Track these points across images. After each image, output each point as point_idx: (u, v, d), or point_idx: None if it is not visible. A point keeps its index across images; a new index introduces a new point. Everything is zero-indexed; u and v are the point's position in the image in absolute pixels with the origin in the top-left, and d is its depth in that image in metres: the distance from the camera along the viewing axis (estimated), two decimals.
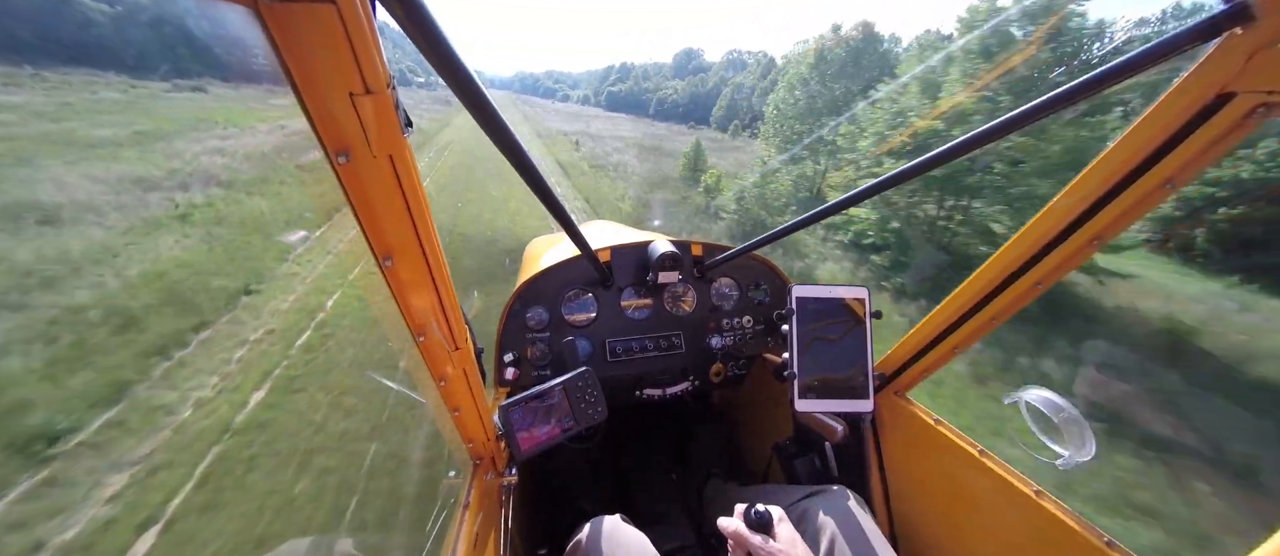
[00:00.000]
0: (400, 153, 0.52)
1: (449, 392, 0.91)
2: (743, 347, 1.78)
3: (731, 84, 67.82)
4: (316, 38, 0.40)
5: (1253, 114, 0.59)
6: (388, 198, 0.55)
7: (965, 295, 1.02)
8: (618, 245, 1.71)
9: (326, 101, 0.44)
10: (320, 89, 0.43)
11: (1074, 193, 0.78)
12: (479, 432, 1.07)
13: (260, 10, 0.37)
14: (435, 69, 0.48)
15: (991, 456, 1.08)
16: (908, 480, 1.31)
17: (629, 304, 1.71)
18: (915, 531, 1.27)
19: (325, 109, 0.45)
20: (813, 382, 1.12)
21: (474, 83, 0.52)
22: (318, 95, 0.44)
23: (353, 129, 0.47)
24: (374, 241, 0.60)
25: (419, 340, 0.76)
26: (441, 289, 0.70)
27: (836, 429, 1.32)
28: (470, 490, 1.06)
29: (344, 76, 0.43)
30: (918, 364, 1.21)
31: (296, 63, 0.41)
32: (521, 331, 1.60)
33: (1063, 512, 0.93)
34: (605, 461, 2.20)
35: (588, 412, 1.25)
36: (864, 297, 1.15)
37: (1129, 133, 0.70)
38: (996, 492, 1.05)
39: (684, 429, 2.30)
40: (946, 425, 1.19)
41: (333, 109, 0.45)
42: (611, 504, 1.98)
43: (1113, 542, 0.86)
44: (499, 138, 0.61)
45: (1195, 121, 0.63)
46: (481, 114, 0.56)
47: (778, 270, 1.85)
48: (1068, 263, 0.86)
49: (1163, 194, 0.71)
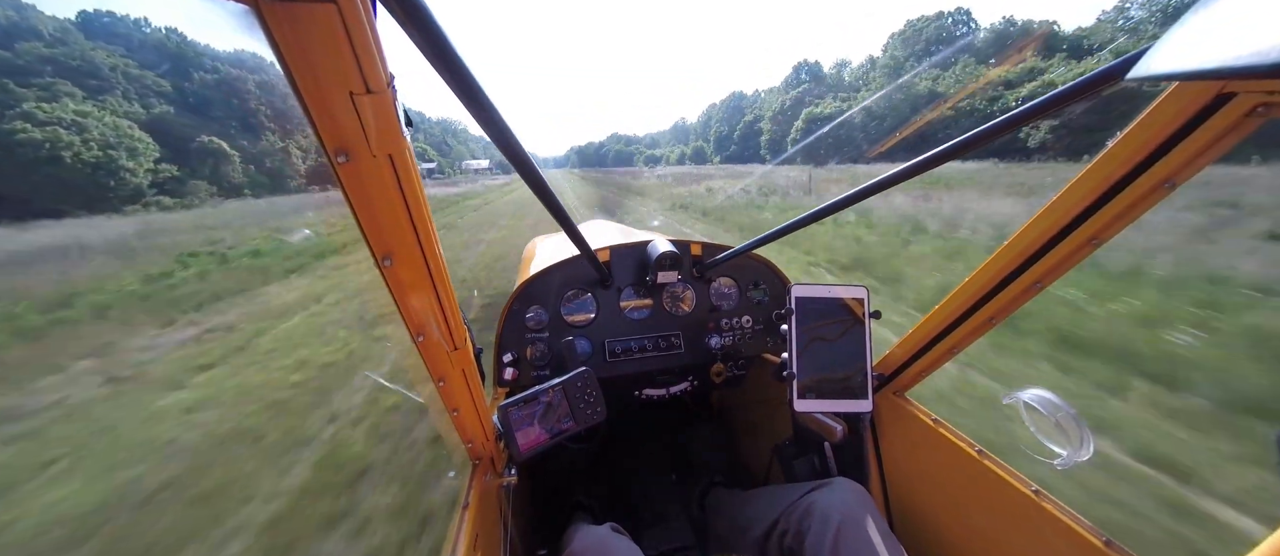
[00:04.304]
0: (400, 153, 0.52)
1: (448, 393, 0.90)
2: (742, 347, 1.78)
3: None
4: (316, 38, 0.40)
5: (1253, 113, 0.59)
6: (387, 198, 0.55)
7: (964, 295, 1.02)
8: (617, 245, 1.71)
9: (326, 101, 0.44)
10: (320, 89, 0.43)
11: (1073, 192, 0.78)
12: (478, 433, 1.07)
13: (260, 10, 0.37)
14: (435, 69, 0.48)
15: (991, 456, 1.08)
16: (907, 479, 1.31)
17: (628, 304, 1.71)
18: (915, 530, 1.27)
19: (325, 109, 0.45)
20: (812, 382, 1.12)
21: (474, 82, 0.52)
22: (318, 95, 0.44)
23: (353, 129, 0.47)
24: (373, 241, 0.59)
25: (418, 340, 0.76)
26: (440, 289, 0.70)
27: (836, 429, 1.32)
28: (470, 490, 1.06)
29: (344, 76, 0.43)
30: (916, 363, 1.22)
31: (296, 62, 0.41)
32: (520, 331, 1.59)
33: (1062, 512, 0.93)
34: (605, 461, 2.20)
35: (587, 413, 1.24)
36: (863, 297, 1.15)
37: (1128, 132, 0.70)
38: (995, 492, 1.05)
39: (684, 429, 2.31)
40: (946, 425, 1.19)
41: (333, 109, 0.45)
42: (611, 504, 1.98)
43: (1111, 542, 0.86)
44: (499, 138, 0.62)
45: (1195, 121, 0.63)
46: (482, 114, 0.57)
47: (777, 270, 1.85)
48: (1066, 262, 0.86)
49: (1162, 193, 0.71)
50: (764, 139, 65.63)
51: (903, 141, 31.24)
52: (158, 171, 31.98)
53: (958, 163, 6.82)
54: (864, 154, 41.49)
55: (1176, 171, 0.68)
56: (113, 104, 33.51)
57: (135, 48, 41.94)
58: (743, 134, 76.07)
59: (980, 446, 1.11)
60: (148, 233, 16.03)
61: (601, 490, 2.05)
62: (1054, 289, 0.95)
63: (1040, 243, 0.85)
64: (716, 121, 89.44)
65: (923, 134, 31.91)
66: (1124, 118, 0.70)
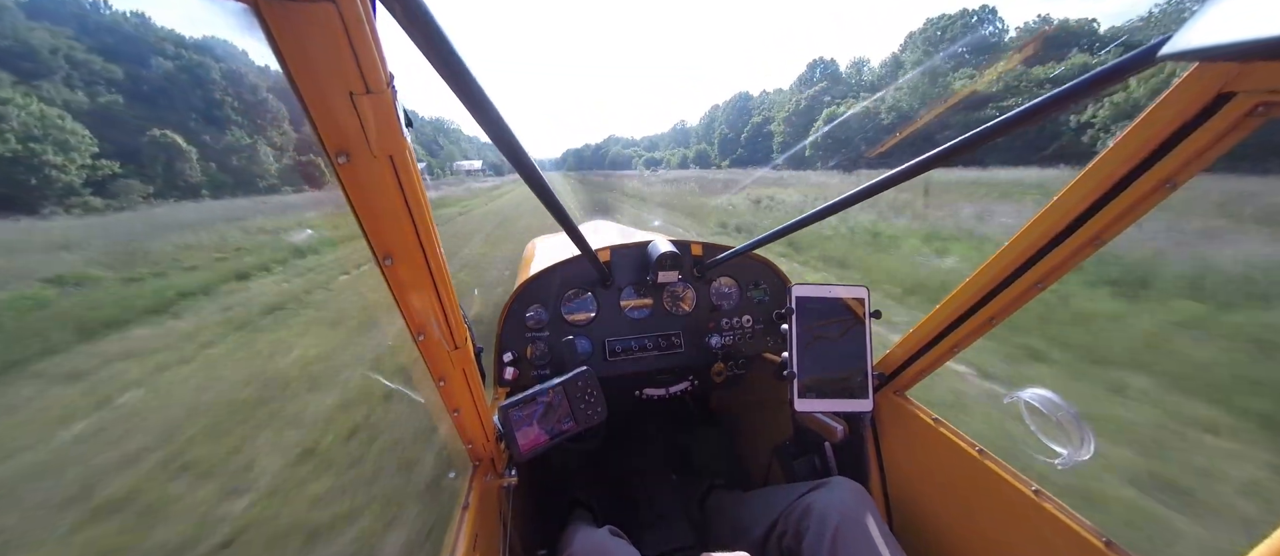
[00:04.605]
0: (400, 153, 0.52)
1: (448, 393, 0.90)
2: (742, 347, 1.78)
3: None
4: (316, 38, 0.40)
5: (1253, 113, 0.59)
6: (387, 198, 0.55)
7: (965, 294, 1.02)
8: (617, 245, 1.71)
9: (326, 101, 0.44)
10: (320, 89, 0.43)
11: (1074, 192, 0.78)
12: (478, 433, 1.07)
13: (260, 10, 0.37)
14: (435, 69, 0.48)
15: (991, 456, 1.08)
16: (907, 479, 1.31)
17: (628, 303, 1.71)
18: (915, 530, 1.27)
19: (325, 109, 0.45)
20: (812, 382, 1.12)
21: (473, 82, 0.52)
22: (318, 95, 0.44)
23: (353, 129, 0.47)
24: (374, 241, 0.60)
25: (418, 340, 0.76)
26: (441, 289, 0.70)
27: (836, 428, 1.32)
28: (470, 491, 1.05)
29: (344, 76, 0.43)
30: (917, 363, 1.21)
31: (296, 62, 0.41)
32: (521, 331, 1.60)
33: (1062, 512, 0.93)
34: (605, 461, 2.20)
35: (587, 413, 1.24)
36: (863, 297, 1.15)
37: (1129, 132, 0.70)
38: (996, 491, 1.05)
39: (684, 429, 2.31)
40: (946, 424, 1.19)
41: (333, 109, 0.45)
42: (611, 504, 1.98)
43: (1111, 542, 0.86)
44: (499, 138, 0.62)
45: (1195, 121, 0.63)
46: (482, 115, 0.57)
47: (777, 269, 1.85)
48: (1067, 262, 0.86)
49: (1162, 193, 0.71)
50: (777, 141, 60.92)
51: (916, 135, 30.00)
52: (95, 168, 27.14)
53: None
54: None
55: (1177, 171, 0.68)
56: (49, 91, 28.58)
57: (89, 30, 35.86)
58: (750, 136, 70.11)
59: (981, 446, 1.11)
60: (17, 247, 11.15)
61: (601, 490, 2.05)
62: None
63: (1041, 243, 0.85)
64: (720, 123, 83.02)
65: (946, 124, 30.27)
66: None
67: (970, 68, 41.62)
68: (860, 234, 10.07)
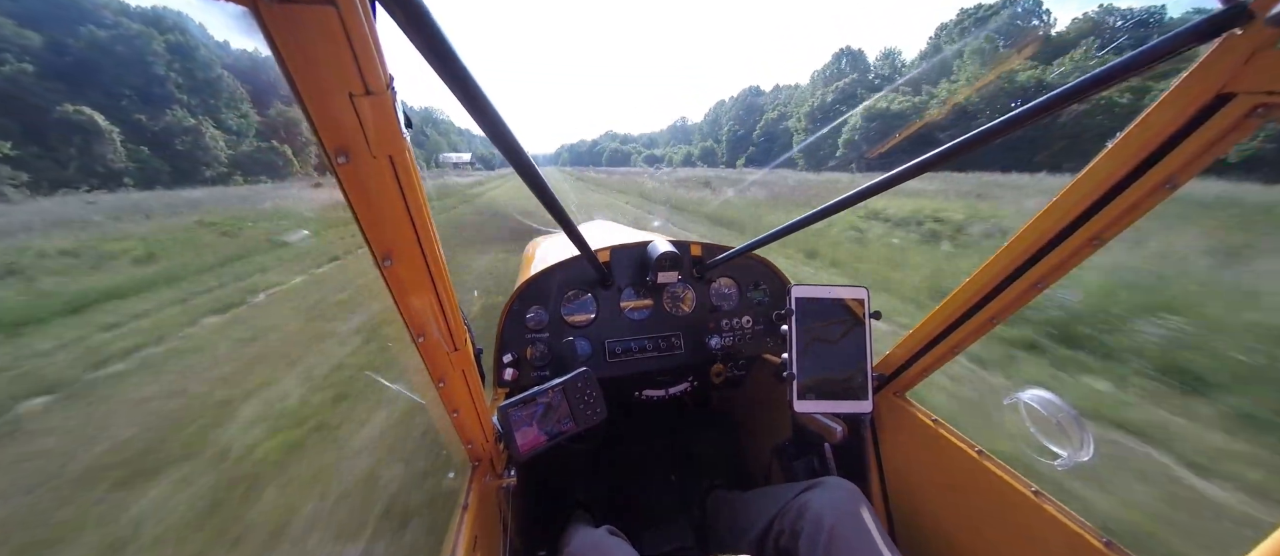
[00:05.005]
0: (400, 153, 0.52)
1: (448, 394, 0.90)
2: (742, 348, 1.78)
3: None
4: (316, 38, 0.40)
5: (1253, 114, 0.59)
6: (387, 198, 0.55)
7: (965, 295, 1.02)
8: (617, 245, 1.71)
9: (326, 102, 0.44)
10: (320, 89, 0.43)
11: (1074, 192, 0.78)
12: (478, 434, 1.07)
13: (260, 11, 0.37)
14: (435, 70, 0.48)
15: (991, 457, 1.08)
16: (907, 480, 1.31)
17: (628, 304, 1.71)
18: (914, 531, 1.27)
19: (325, 109, 0.45)
20: (812, 383, 1.12)
21: (473, 83, 0.52)
22: (317, 96, 0.44)
23: (352, 129, 0.47)
24: (373, 242, 0.59)
25: (418, 341, 0.76)
26: (441, 290, 0.70)
27: (836, 429, 1.32)
28: (469, 492, 1.05)
29: (344, 77, 0.43)
30: (917, 364, 1.21)
31: (296, 63, 0.41)
32: (521, 332, 1.59)
33: (1062, 513, 0.93)
34: (605, 462, 2.20)
35: (587, 413, 1.24)
36: (863, 297, 1.15)
37: (1129, 132, 0.70)
38: (995, 492, 1.05)
39: (684, 430, 2.30)
40: (946, 425, 1.19)
41: (333, 109, 0.45)
42: (611, 505, 1.98)
43: (1111, 543, 0.86)
44: (498, 138, 0.62)
45: (1195, 121, 0.63)
46: (482, 116, 0.57)
47: (777, 270, 1.85)
48: (1067, 262, 0.86)
49: (1163, 194, 0.71)
50: (797, 140, 54.40)
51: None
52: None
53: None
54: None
55: (1177, 172, 0.68)
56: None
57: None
58: (765, 133, 64.77)
59: (980, 447, 1.11)
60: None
61: (601, 491, 2.05)
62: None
63: (1042, 243, 0.85)
64: (728, 120, 76.61)
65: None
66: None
67: (1035, 60, 35.28)
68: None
